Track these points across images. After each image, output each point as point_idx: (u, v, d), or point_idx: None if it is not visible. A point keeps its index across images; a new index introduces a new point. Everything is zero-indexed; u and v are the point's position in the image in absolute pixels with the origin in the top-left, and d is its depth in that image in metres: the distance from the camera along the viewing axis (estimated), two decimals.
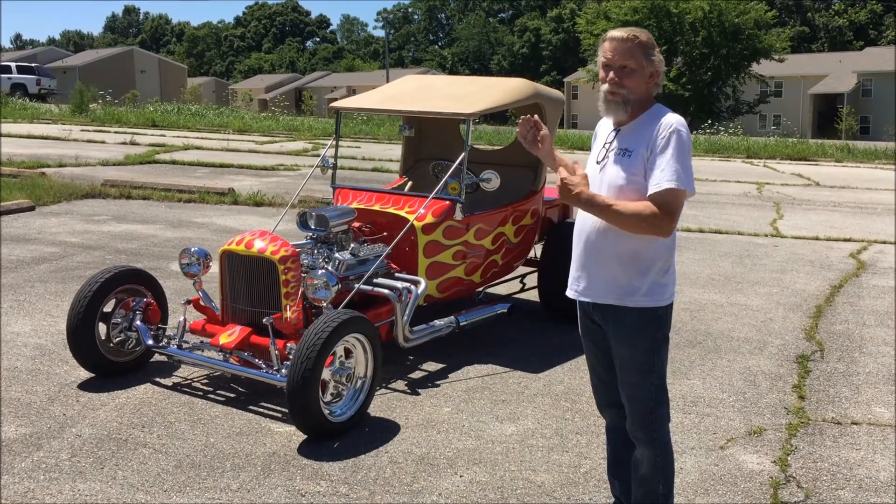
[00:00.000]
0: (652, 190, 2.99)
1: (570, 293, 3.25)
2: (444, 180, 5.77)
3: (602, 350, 3.27)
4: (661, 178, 2.97)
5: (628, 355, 3.14)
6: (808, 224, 11.58)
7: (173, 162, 16.62)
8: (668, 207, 2.97)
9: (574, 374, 5.45)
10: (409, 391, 5.12)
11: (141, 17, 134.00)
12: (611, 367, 3.26)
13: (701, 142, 25.52)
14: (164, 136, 23.11)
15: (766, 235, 10.65)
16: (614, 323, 3.13)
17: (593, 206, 3.04)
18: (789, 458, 4.33)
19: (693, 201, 13.40)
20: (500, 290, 6.97)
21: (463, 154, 5.74)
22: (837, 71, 57.60)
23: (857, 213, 12.70)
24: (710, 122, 33.99)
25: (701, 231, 10.79)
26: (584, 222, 3.17)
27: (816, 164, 21.12)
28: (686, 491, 3.97)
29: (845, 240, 10.39)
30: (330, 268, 5.24)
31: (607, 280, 3.10)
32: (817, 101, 57.18)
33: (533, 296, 6.83)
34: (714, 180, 16.66)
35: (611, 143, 3.16)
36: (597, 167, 3.18)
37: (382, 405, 4.85)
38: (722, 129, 30.77)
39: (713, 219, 11.77)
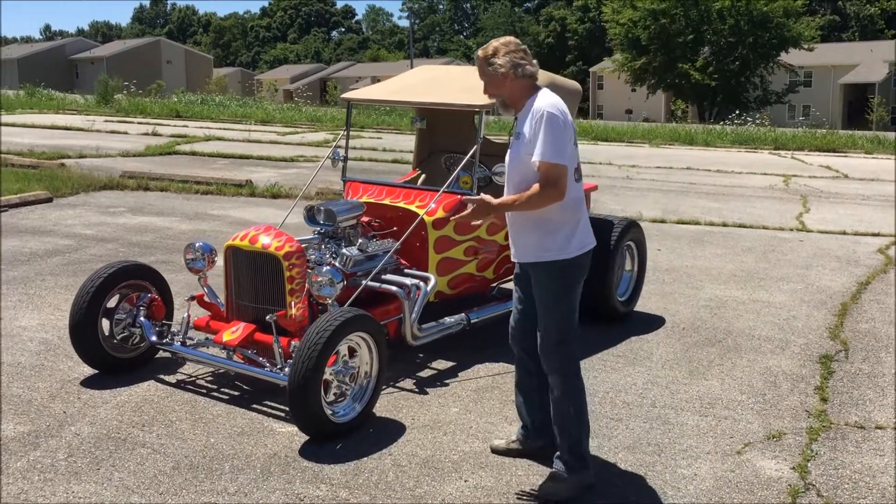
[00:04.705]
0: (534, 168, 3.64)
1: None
2: (455, 174, 5.63)
3: (526, 294, 3.96)
4: (535, 155, 3.61)
5: (540, 299, 3.81)
6: (835, 218, 11.30)
7: (193, 153, 16.62)
8: (545, 178, 3.60)
9: (587, 374, 5.26)
10: (416, 390, 4.99)
11: (168, 7, 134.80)
12: (528, 308, 3.95)
13: (728, 133, 25.15)
14: (186, 126, 23.18)
15: (792, 230, 10.41)
16: (533, 273, 3.83)
17: (504, 207, 3.75)
18: (809, 465, 4.16)
19: (717, 194, 13.17)
20: None
21: (475, 147, 5.58)
22: (869, 60, 56.66)
23: (886, 207, 12.38)
24: (737, 112, 33.50)
25: (724, 225, 10.56)
26: None
27: (846, 156, 20.72)
28: (700, 498, 3.81)
29: (874, 234, 10.13)
30: (337, 264, 5.11)
31: (527, 244, 3.81)
32: (847, 91, 56.30)
33: None
34: (740, 172, 16.38)
35: (512, 129, 3.85)
36: (507, 153, 3.86)
37: (389, 405, 4.73)
38: (749, 119, 30.32)
39: (737, 212, 11.52)
